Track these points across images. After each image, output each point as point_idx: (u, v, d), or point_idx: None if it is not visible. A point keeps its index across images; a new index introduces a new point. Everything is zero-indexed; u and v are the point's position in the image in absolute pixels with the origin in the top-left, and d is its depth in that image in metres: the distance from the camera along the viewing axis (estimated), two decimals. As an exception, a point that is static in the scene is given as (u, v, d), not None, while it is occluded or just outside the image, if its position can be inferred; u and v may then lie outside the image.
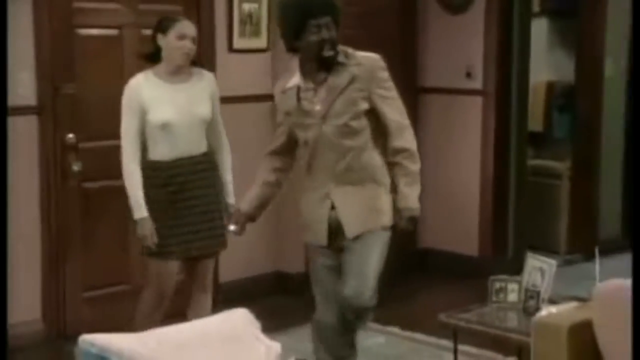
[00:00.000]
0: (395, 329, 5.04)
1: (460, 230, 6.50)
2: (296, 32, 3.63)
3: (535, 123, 7.33)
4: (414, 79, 6.65)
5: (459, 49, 6.46)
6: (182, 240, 4.21)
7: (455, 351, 4.04)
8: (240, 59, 5.79)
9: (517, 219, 6.61)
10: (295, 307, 5.62)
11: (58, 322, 5.12)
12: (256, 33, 5.83)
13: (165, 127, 4.12)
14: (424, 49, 6.65)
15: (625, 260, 5.22)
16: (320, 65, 3.66)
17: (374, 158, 3.71)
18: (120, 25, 5.34)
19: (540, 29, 7.34)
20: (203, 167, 4.27)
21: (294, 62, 3.85)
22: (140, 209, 4.14)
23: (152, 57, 4.24)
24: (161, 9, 5.45)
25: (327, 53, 3.61)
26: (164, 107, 4.13)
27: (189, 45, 4.15)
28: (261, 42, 5.85)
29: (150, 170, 4.19)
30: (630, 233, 5.86)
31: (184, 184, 4.20)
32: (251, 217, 4.00)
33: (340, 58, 3.66)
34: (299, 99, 3.71)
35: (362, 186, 3.69)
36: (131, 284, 5.43)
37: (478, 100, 6.41)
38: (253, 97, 5.80)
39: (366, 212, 3.69)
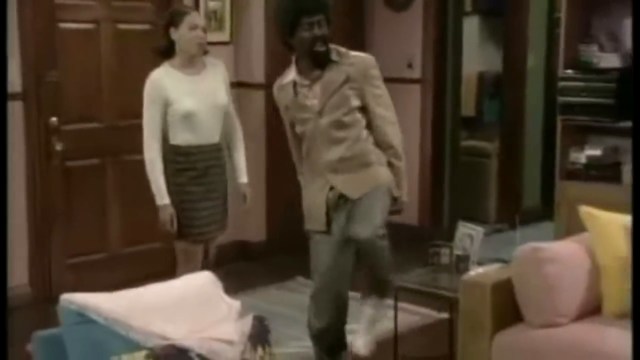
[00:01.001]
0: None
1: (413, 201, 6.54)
2: (290, 29, 3.48)
3: (468, 108, 7.41)
4: None
5: (401, 42, 6.50)
6: (204, 222, 4.04)
7: (396, 308, 4.06)
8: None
9: (452, 193, 6.71)
10: (256, 271, 5.68)
11: (44, 286, 5.13)
12: (220, 28, 5.82)
13: (188, 116, 3.93)
14: (371, 42, 6.66)
15: (542, 228, 5.37)
16: (313, 61, 3.52)
17: (368, 147, 3.55)
18: (97, 19, 5.33)
19: (472, 26, 7.42)
20: (221, 153, 4.11)
21: (258, 54, 3.84)
22: (162, 195, 3.96)
23: (166, 52, 4.05)
24: (134, 5, 5.49)
25: (319, 49, 3.47)
26: (186, 98, 3.92)
27: (201, 35, 3.97)
28: (225, 35, 5.84)
29: (173, 154, 3.99)
30: (548, 203, 5.96)
31: (206, 170, 4.01)
32: None
33: (334, 57, 3.52)
34: (295, 93, 3.56)
35: (358, 172, 3.53)
36: (109, 251, 5.46)
37: (417, 88, 6.47)
38: None
39: (365, 181, 3.51)
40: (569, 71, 5.03)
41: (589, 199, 3.79)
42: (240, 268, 5.73)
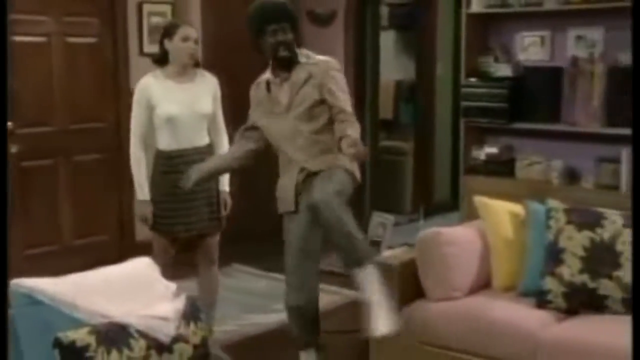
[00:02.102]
0: (275, 275, 5.06)
1: None
2: (257, 35, 3.46)
3: (386, 112, 7.47)
4: None
5: (325, 54, 6.38)
6: (186, 221, 3.90)
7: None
8: (148, 61, 5.63)
9: (372, 188, 6.77)
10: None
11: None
12: None
13: (170, 120, 3.82)
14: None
15: (450, 217, 5.47)
16: (279, 64, 3.48)
17: (330, 136, 3.46)
18: (49, 33, 5.30)
19: (389, 39, 7.51)
20: (205, 157, 3.89)
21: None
22: (142, 191, 3.87)
23: (160, 61, 3.94)
24: (81, 21, 5.47)
25: (282, 54, 3.44)
26: (170, 103, 3.83)
27: (192, 46, 3.86)
28: None
29: (158, 158, 3.90)
30: (456, 196, 6.12)
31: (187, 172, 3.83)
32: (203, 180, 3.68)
33: (302, 59, 3.50)
34: (269, 90, 3.53)
35: (320, 156, 3.47)
36: (61, 243, 5.44)
37: None
38: None
39: (325, 161, 3.45)
40: (471, 79, 5.12)
41: (487, 190, 3.93)
42: (184, 256, 5.70)
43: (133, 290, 2.81)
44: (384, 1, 7.33)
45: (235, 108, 4.08)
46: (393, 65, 7.55)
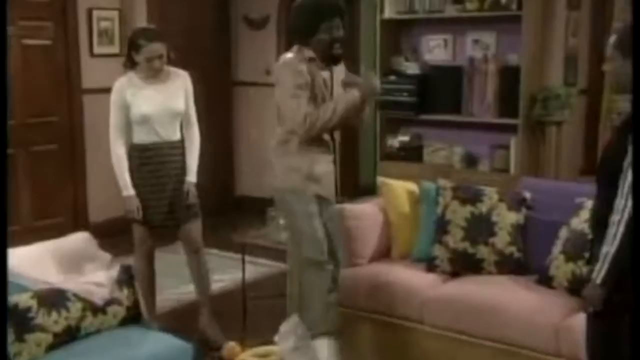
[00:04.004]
0: (214, 250, 5.01)
1: (264, 182, 6.66)
2: (309, 31, 3.13)
3: None
4: (230, 75, 6.77)
5: (260, 53, 6.57)
6: (159, 211, 3.76)
7: (243, 261, 4.21)
8: (98, 61, 5.77)
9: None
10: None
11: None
12: (110, 42, 5.83)
13: (145, 118, 3.67)
14: (236, 54, 6.74)
15: (373, 199, 5.52)
16: (330, 60, 3.18)
17: None
18: (7, 36, 5.30)
19: (318, 41, 7.65)
20: (178, 151, 3.79)
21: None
22: (127, 188, 3.70)
23: (132, 66, 3.73)
24: (37, 25, 5.47)
25: (337, 51, 3.17)
26: (143, 103, 3.66)
27: (157, 65, 3.64)
28: (114, 49, 5.83)
29: (134, 151, 3.73)
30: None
31: (159, 164, 3.74)
32: None
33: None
34: (314, 75, 3.16)
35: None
36: (21, 224, 5.45)
37: (273, 90, 6.59)
38: (109, 89, 5.60)
39: None
40: (391, 77, 5.26)
41: (399, 174, 4.04)
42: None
43: (72, 260, 2.92)
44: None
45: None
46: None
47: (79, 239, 3.07)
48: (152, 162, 3.73)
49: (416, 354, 3.35)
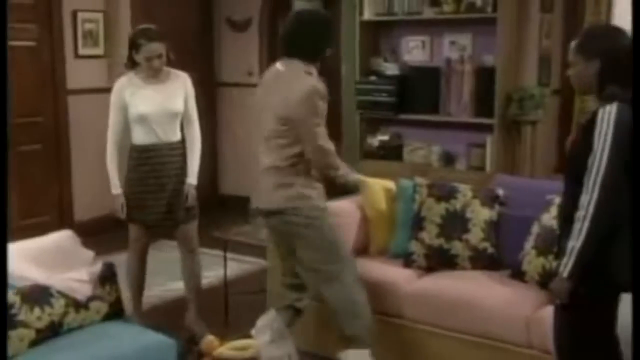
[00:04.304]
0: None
1: (247, 181, 6.62)
2: (328, 43, 3.13)
3: None
4: (213, 76, 6.80)
5: (243, 56, 6.61)
6: (157, 211, 3.72)
7: (225, 258, 4.24)
8: (83, 62, 5.79)
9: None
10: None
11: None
12: (95, 44, 5.82)
13: (142, 118, 3.64)
14: (219, 56, 6.76)
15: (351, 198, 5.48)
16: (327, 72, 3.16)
17: None
18: (-10, 38, 5.30)
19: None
20: (177, 152, 3.75)
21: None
22: (115, 186, 3.69)
23: (133, 65, 3.70)
24: (22, 27, 5.45)
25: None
26: (141, 103, 3.64)
27: (156, 65, 3.62)
28: (99, 50, 5.85)
29: (132, 151, 3.72)
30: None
31: (157, 165, 3.70)
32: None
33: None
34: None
35: None
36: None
37: (255, 90, 6.62)
38: (93, 89, 5.77)
39: None
40: (372, 78, 5.31)
41: (380, 172, 4.05)
42: (122, 234, 5.71)
43: (55, 258, 2.92)
44: (295, 10, 7.47)
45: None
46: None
47: (62, 237, 3.06)
48: (150, 162, 3.69)
49: (394, 348, 3.38)
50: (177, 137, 3.76)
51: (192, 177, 3.77)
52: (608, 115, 2.26)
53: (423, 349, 3.31)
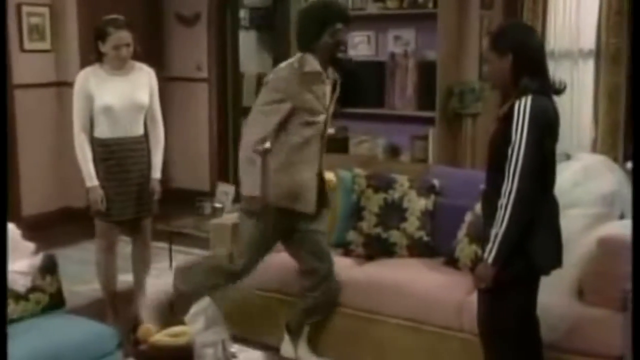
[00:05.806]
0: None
1: (198, 175, 6.67)
2: (316, 33, 3.07)
3: (250, 100, 7.26)
4: (162, 71, 6.67)
5: (191, 50, 6.58)
6: (121, 205, 3.69)
7: (170, 250, 4.30)
8: (30, 57, 5.72)
9: (234, 166, 6.92)
10: (76, 231, 5.68)
11: None
12: (41, 38, 5.76)
13: (107, 109, 3.58)
14: (168, 51, 6.72)
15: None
16: (331, 63, 3.13)
17: None
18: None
19: (251, 37, 7.62)
20: (141, 146, 3.72)
21: (73, 58, 3.74)
22: (91, 178, 3.60)
23: (99, 58, 3.64)
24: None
25: (340, 55, 3.14)
26: (106, 94, 3.58)
27: (124, 54, 3.58)
28: (46, 44, 5.79)
29: (96, 145, 3.63)
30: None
31: (122, 159, 3.66)
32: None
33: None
34: (321, 82, 3.10)
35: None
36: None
37: (205, 85, 6.56)
38: (41, 84, 5.75)
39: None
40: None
41: (327, 164, 4.10)
42: (66, 229, 5.70)
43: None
44: (244, 4, 7.49)
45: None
46: (255, 60, 7.66)
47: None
48: (115, 156, 3.65)
49: (334, 335, 3.46)
50: (140, 131, 3.73)
51: (157, 172, 3.77)
52: (524, 107, 2.38)
53: (363, 335, 3.39)
